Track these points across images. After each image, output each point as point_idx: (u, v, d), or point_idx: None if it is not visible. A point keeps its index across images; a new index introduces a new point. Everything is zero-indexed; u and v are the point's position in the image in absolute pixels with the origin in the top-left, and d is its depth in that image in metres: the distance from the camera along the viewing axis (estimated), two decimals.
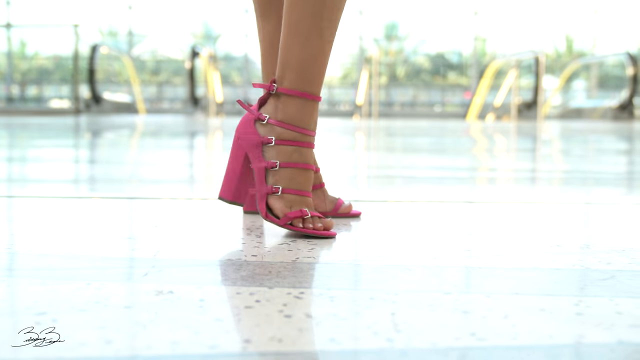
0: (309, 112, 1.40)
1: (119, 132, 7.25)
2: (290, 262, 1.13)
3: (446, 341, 0.76)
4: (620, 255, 1.22)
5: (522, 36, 25.60)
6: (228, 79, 27.93)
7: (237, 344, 0.74)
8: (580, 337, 0.78)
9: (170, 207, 1.73)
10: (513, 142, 6.40)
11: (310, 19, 1.35)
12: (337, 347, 0.74)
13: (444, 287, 0.99)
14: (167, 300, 0.90)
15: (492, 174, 3.12)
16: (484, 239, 1.37)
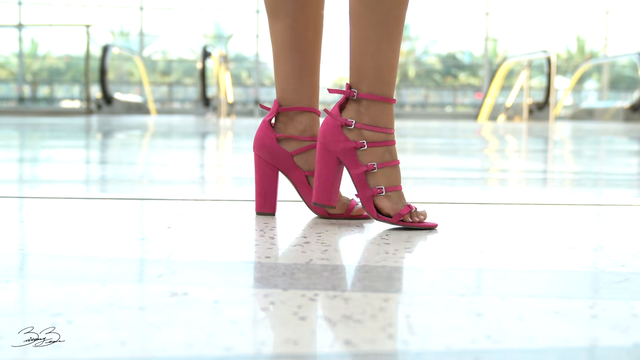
0: (389, 112, 1.47)
1: (130, 133, 7.26)
2: (304, 264, 1.13)
3: (461, 344, 0.76)
4: (634, 258, 1.21)
5: (533, 37, 25.53)
6: (239, 80, 28.00)
7: (252, 346, 0.74)
8: (596, 340, 0.78)
9: (182, 208, 1.74)
10: (524, 143, 6.39)
11: (379, 29, 1.42)
12: (352, 350, 0.74)
13: (457, 289, 0.99)
14: (182, 302, 0.90)
15: (504, 175, 3.12)
16: (496, 240, 1.37)
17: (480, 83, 25.51)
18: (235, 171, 3.21)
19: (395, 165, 1.48)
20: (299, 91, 1.60)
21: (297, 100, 1.61)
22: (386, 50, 1.43)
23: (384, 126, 1.46)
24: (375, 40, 1.42)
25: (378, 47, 1.42)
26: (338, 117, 1.47)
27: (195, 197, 2.01)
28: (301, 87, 1.61)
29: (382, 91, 1.45)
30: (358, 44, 1.44)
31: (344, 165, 1.48)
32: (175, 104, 27.02)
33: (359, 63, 1.44)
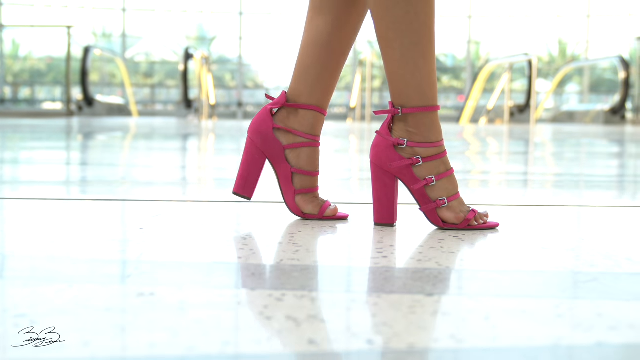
0: (436, 122, 1.50)
1: (111, 135, 7.24)
2: (274, 265, 1.13)
3: (424, 343, 0.76)
4: (604, 258, 1.22)
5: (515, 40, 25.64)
6: (222, 82, 27.93)
7: (216, 346, 0.74)
8: (559, 339, 0.78)
9: (156, 210, 1.73)
10: (505, 145, 6.41)
11: (413, 48, 1.45)
12: (315, 349, 0.74)
13: (426, 288, 0.99)
14: (148, 302, 0.90)
15: (485, 177, 3.13)
16: (471, 241, 1.37)
17: (463, 86, 25.60)
18: (218, 173, 3.20)
19: (451, 174, 1.52)
20: (313, 87, 1.61)
21: (309, 95, 1.61)
22: (423, 67, 1.46)
23: (435, 140, 1.50)
24: (412, 60, 1.45)
25: (416, 66, 1.46)
26: (389, 136, 1.50)
27: (170, 199, 2.00)
28: (317, 85, 1.61)
29: (427, 102, 1.48)
30: (396, 65, 1.47)
31: (403, 182, 1.51)
32: (157, 106, 26.94)
33: (400, 85, 1.48)
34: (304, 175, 1.61)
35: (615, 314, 0.88)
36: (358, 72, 15.49)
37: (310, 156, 1.61)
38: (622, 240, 1.41)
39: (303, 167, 1.60)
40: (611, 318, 0.86)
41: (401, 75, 1.47)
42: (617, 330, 0.82)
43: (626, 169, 3.85)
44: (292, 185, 1.60)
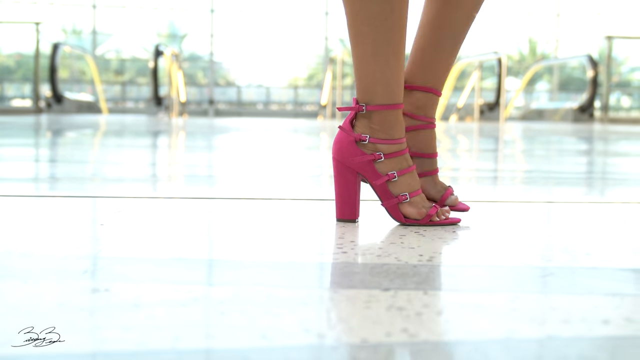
0: (400, 120, 1.51)
1: (80, 132, 7.18)
2: (234, 260, 1.13)
3: (377, 337, 0.76)
4: (563, 253, 1.23)
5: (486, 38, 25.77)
6: (193, 79, 27.83)
7: (167, 341, 0.74)
8: (511, 332, 0.78)
9: (121, 206, 1.72)
10: (475, 142, 6.44)
11: (385, 44, 1.46)
12: (267, 344, 0.74)
13: (383, 283, 0.99)
14: (102, 298, 0.89)
15: (455, 174, 3.14)
16: (431, 237, 1.38)
17: None
18: (188, 169, 3.19)
19: (413, 170, 1.52)
20: (427, 68, 1.61)
21: (423, 77, 1.61)
22: (394, 64, 1.47)
23: (398, 137, 1.50)
24: (383, 57, 1.46)
25: (387, 63, 1.46)
26: (351, 132, 1.51)
27: (133, 195, 1.99)
28: (431, 66, 1.61)
29: (392, 100, 1.49)
30: (366, 62, 1.47)
31: (365, 178, 1.51)
32: (128, 103, 26.78)
33: (368, 81, 1.48)
34: (424, 159, 1.62)
35: (568, 308, 0.89)
36: (329, 69, 15.49)
37: (427, 138, 1.62)
38: (584, 236, 1.42)
39: (421, 150, 1.61)
40: (564, 312, 0.87)
41: (371, 72, 1.47)
42: (569, 323, 0.82)
43: (594, 166, 3.88)
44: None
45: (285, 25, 26.77)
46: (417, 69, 1.62)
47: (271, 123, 11.18)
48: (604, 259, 1.19)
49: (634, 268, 1.14)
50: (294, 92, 27.14)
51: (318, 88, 24.95)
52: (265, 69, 27.96)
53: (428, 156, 1.63)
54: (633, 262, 1.18)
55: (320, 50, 26.20)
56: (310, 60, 28.47)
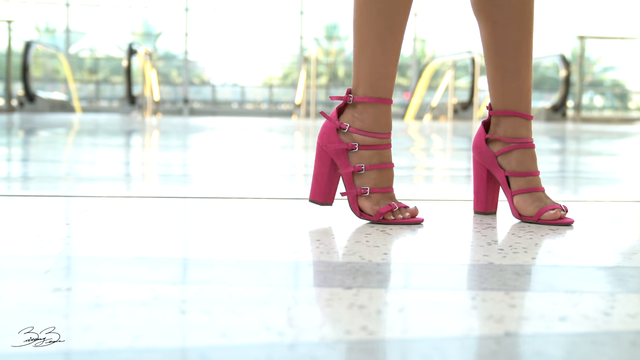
0: (384, 115, 1.55)
1: (53, 131, 7.13)
2: (196, 259, 1.13)
3: (336, 335, 0.77)
4: (524, 251, 1.24)
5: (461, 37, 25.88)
6: (168, 78, 27.70)
7: (126, 340, 0.74)
8: (470, 330, 0.79)
9: (88, 205, 1.71)
10: (449, 141, 6.47)
11: (376, 39, 1.53)
12: (226, 342, 0.74)
13: (346, 282, 0.99)
14: (64, 297, 0.89)
15: (429, 173, 3.15)
16: (397, 235, 1.38)
17: (409, 83, 25.75)
18: (161, 169, 3.18)
19: (385, 168, 1.54)
20: (505, 95, 1.65)
21: (502, 103, 1.65)
22: (382, 61, 1.53)
23: (377, 131, 1.54)
24: (370, 50, 1.53)
25: (373, 55, 1.53)
26: (335, 120, 1.56)
27: (104, 194, 1.98)
28: (506, 91, 1.65)
29: (377, 94, 1.54)
30: (356, 50, 1.55)
31: (337, 164, 1.56)
32: (102, 102, 26.61)
33: (357, 69, 1.55)
34: (517, 177, 1.61)
35: (528, 305, 0.90)
36: (303, 68, 15.48)
37: (520, 157, 1.62)
38: (549, 234, 1.43)
39: (513, 169, 1.62)
40: (523, 309, 0.88)
41: (360, 60, 1.54)
42: (528, 320, 0.83)
43: (567, 165, 3.91)
44: (509, 188, 1.62)
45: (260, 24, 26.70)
46: (495, 95, 1.67)
47: (246, 122, 11.17)
48: (565, 257, 1.20)
49: (595, 266, 1.15)
50: (268, 91, 27.11)
51: (293, 87, 24.94)
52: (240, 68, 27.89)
53: (520, 175, 1.61)
54: (595, 260, 1.19)
55: (295, 49, 26.19)
56: (285, 59, 28.44)
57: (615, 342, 0.77)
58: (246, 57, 27.40)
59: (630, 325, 0.82)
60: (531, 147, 1.64)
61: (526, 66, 1.65)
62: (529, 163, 1.63)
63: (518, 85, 1.65)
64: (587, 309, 0.88)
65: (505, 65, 1.64)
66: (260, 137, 6.48)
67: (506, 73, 1.64)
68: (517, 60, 1.64)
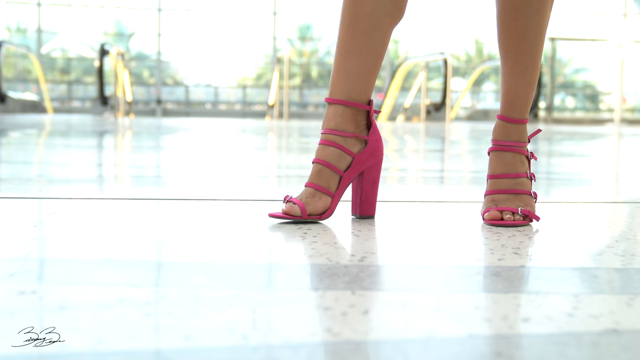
0: (328, 114, 1.59)
1: (24, 132, 7.07)
2: (164, 261, 1.13)
3: (300, 337, 0.77)
4: (491, 252, 1.25)
5: (434, 39, 25.99)
6: (141, 79, 27.59)
7: (89, 343, 0.74)
8: (433, 331, 0.80)
9: (56, 207, 1.70)
10: (422, 142, 6.49)
11: (342, 44, 1.58)
12: (190, 344, 0.74)
13: (313, 283, 1.00)
14: (28, 301, 0.88)
15: (402, 174, 3.16)
16: (365, 237, 1.39)
17: (382, 84, 25.78)
18: (134, 170, 3.16)
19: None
20: (505, 99, 1.68)
21: (504, 109, 1.68)
22: (340, 64, 1.58)
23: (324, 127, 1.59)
24: (338, 53, 1.58)
25: (339, 61, 1.57)
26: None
27: (75, 196, 1.97)
28: (507, 96, 1.68)
29: (330, 94, 1.60)
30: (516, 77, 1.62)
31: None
32: (75, 103, 26.44)
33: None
34: (487, 180, 1.67)
35: (491, 307, 0.91)
36: (276, 69, 15.48)
37: (491, 159, 1.68)
38: (518, 235, 1.44)
39: (496, 171, 1.66)
40: (487, 310, 0.89)
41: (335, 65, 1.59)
42: (490, 322, 0.84)
43: (539, 166, 3.94)
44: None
45: (234, 24, 26.66)
46: (502, 101, 1.68)
47: (219, 123, 11.14)
48: (533, 258, 1.21)
49: (560, 267, 1.16)
50: (242, 91, 27.06)
51: (266, 88, 24.91)
52: (213, 69, 27.82)
53: (488, 177, 1.65)
54: (560, 261, 1.20)
55: (269, 50, 26.18)
56: (259, 60, 28.41)
57: (578, 343, 0.77)
58: (219, 57, 27.35)
59: (593, 326, 0.83)
60: (503, 150, 1.65)
61: (523, 68, 1.64)
62: (494, 165, 1.65)
63: (509, 86, 1.66)
64: (551, 310, 0.89)
65: (508, 74, 1.66)
66: (234, 138, 6.46)
67: (507, 79, 1.66)
68: (520, 66, 1.65)
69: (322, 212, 1.53)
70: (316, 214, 1.52)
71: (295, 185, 2.53)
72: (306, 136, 7.26)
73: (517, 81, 1.63)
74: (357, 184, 1.60)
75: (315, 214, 1.51)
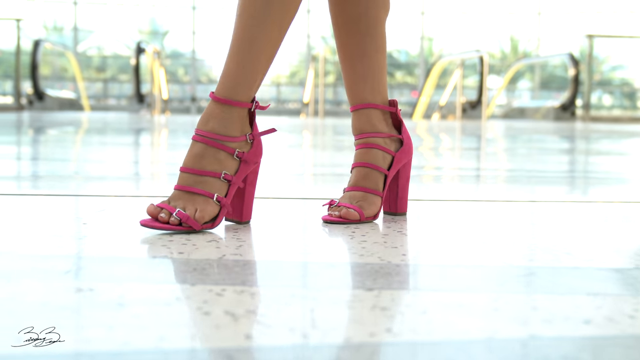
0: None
1: (62, 129, 7.14)
2: (216, 260, 1.13)
3: (360, 337, 0.77)
4: (543, 252, 1.24)
5: (468, 36, 25.85)
6: (175, 76, 27.73)
7: (151, 341, 0.74)
8: (494, 332, 0.79)
9: (104, 205, 1.71)
10: (458, 141, 6.46)
11: (234, 39, 1.42)
12: (250, 344, 0.74)
13: (366, 283, 0.99)
14: (86, 298, 0.89)
15: (438, 173, 3.15)
16: (414, 236, 1.38)
17: (417, 82, 25.71)
18: (170, 168, 3.18)
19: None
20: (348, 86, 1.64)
21: (350, 98, 1.64)
22: (230, 59, 1.43)
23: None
24: (231, 48, 1.43)
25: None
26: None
27: (117, 194, 1.98)
28: (348, 83, 1.64)
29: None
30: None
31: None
32: (110, 101, 26.64)
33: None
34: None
35: (550, 308, 0.90)
36: (311, 67, 15.47)
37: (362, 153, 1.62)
38: (566, 235, 1.43)
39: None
40: (546, 311, 0.88)
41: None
42: (551, 323, 0.83)
43: (576, 165, 3.90)
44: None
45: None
46: (347, 91, 1.63)
47: None
48: (586, 259, 1.20)
49: (615, 268, 1.15)
50: (276, 89, 27.10)
51: (300, 86, 24.93)
52: None
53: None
54: (614, 262, 1.19)
55: (303, 47, 26.19)
56: (293, 57, 28.44)
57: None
58: None
59: None
60: (372, 148, 1.59)
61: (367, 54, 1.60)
62: (363, 158, 1.58)
63: (357, 77, 1.61)
64: (611, 312, 0.87)
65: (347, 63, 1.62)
66: (268, 136, 6.47)
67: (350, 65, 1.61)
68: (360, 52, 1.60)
69: (375, 214, 1.53)
70: (372, 216, 1.52)
71: (330, 184, 2.53)
72: (341, 134, 7.25)
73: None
74: (393, 182, 1.60)
75: (371, 216, 1.51)
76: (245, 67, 1.40)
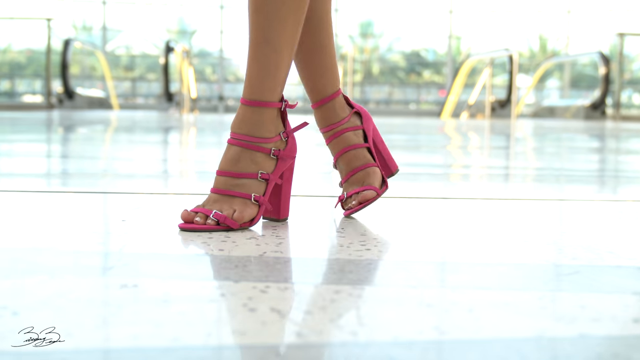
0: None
1: (92, 127, 7.19)
2: (257, 257, 1.13)
3: (409, 334, 0.76)
4: (585, 251, 1.23)
5: (496, 35, 25.71)
6: (203, 75, 27.83)
7: (200, 337, 0.74)
8: (543, 331, 0.78)
9: (140, 202, 1.72)
10: (487, 139, 6.43)
11: (254, 38, 1.40)
12: (300, 341, 0.74)
13: (410, 281, 0.99)
14: (131, 294, 0.89)
15: (466, 171, 3.13)
16: (454, 234, 1.37)
17: (444, 80, 25.62)
18: (199, 166, 3.19)
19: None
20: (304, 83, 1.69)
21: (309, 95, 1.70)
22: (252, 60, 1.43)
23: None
24: (259, 49, 1.42)
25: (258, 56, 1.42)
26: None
27: (151, 191, 1.99)
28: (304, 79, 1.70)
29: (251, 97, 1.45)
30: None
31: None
32: (139, 99, 26.78)
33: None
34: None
35: (597, 306, 0.89)
36: (340, 66, 15.47)
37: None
38: (604, 234, 1.41)
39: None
40: (594, 310, 0.87)
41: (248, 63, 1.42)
42: (600, 322, 0.82)
43: (606, 164, 3.87)
44: None
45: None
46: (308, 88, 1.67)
47: None
48: (628, 258, 1.19)
49: None
50: (303, 88, 27.13)
51: None
52: None
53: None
54: None
55: None
56: None
57: None
58: None
59: None
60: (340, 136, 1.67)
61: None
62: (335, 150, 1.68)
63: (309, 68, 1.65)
64: None
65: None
66: (297, 135, 6.47)
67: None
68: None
69: (383, 181, 1.59)
70: (383, 186, 1.57)
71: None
72: None
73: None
74: (375, 149, 1.65)
75: (381, 186, 1.57)
76: (267, 68, 1.40)
